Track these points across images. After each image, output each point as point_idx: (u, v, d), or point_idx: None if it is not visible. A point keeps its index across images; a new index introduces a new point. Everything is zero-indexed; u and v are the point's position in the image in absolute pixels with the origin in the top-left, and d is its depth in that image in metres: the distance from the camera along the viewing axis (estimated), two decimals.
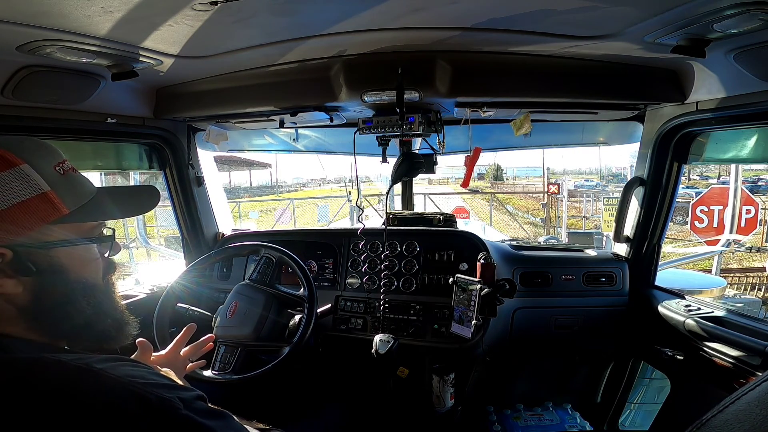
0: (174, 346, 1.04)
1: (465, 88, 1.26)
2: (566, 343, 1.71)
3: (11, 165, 0.55)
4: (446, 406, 1.59)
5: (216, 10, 0.81)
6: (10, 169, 0.55)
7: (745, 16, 0.77)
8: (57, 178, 0.59)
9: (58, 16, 0.79)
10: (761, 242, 7.73)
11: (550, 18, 0.93)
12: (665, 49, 0.97)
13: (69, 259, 0.60)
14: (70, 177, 0.62)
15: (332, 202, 12.46)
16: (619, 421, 1.90)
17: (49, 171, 0.59)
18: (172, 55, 1.08)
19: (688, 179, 18.63)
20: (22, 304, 0.56)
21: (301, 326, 1.30)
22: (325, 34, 1.03)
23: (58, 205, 0.57)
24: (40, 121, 1.24)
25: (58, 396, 0.48)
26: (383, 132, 1.45)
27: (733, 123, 1.22)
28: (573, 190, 16.32)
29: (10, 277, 0.54)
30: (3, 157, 0.55)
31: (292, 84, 1.31)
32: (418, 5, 0.88)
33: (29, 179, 0.56)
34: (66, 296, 0.59)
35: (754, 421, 0.37)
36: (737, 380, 1.18)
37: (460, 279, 1.38)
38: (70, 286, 0.60)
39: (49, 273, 0.57)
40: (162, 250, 3.79)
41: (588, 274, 1.63)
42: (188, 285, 1.47)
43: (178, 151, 1.71)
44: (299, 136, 2.01)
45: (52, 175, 0.59)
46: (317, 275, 1.73)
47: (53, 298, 0.58)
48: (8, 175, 0.54)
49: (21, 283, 0.55)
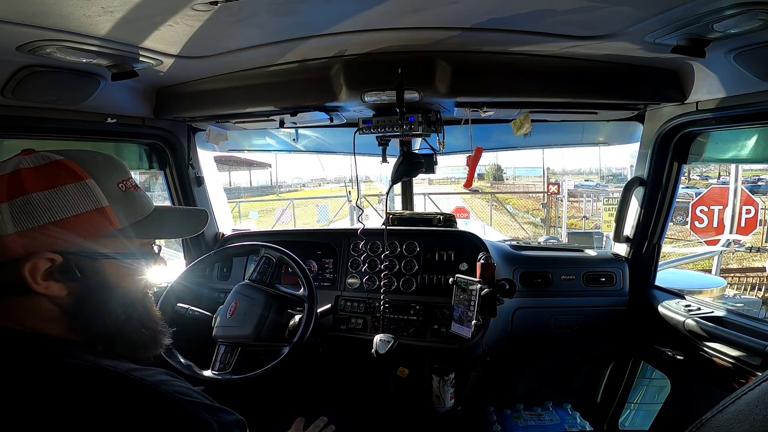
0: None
1: (465, 88, 1.26)
2: (566, 343, 1.71)
3: (78, 179, 0.59)
4: (446, 406, 1.59)
5: (216, 10, 0.81)
6: (76, 183, 0.59)
7: (745, 16, 0.77)
8: (118, 194, 0.63)
9: (58, 16, 0.79)
10: (761, 242, 7.73)
11: (550, 18, 0.93)
12: (665, 49, 0.97)
13: (113, 270, 0.63)
14: (130, 194, 0.65)
15: (332, 202, 12.46)
16: (619, 421, 1.90)
17: (112, 187, 0.62)
18: (172, 55, 1.08)
19: (688, 179, 18.64)
20: (66, 307, 0.59)
21: (301, 326, 1.30)
22: (325, 34, 1.03)
23: (112, 220, 0.61)
24: (40, 121, 1.24)
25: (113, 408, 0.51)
26: (383, 132, 1.45)
27: (733, 123, 1.22)
28: (573, 190, 16.33)
29: (57, 281, 0.58)
30: (72, 170, 0.59)
31: (292, 84, 1.31)
32: (418, 5, 0.88)
33: (91, 194, 0.59)
34: (104, 305, 0.62)
35: (753, 421, 0.37)
36: (737, 380, 1.18)
37: (460, 279, 1.38)
38: (109, 296, 0.63)
39: (93, 281, 0.61)
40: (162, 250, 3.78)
41: (588, 274, 1.63)
42: (188, 285, 1.47)
43: (178, 151, 1.70)
44: (299, 136, 2.01)
45: (114, 191, 0.62)
46: (317, 275, 1.73)
47: (92, 305, 0.61)
48: (73, 187, 0.58)
49: (66, 288, 0.59)
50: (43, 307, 0.58)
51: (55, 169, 0.58)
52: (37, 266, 0.56)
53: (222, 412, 0.58)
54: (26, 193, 0.55)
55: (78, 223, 0.58)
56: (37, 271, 0.56)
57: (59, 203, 0.56)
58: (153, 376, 0.56)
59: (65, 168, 0.59)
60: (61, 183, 0.57)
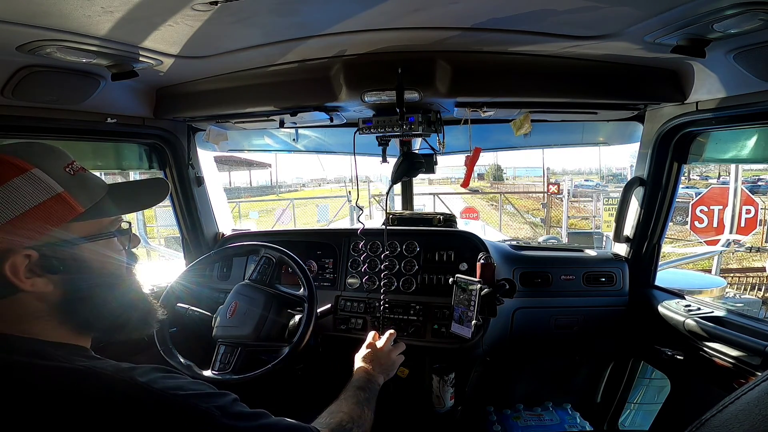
0: None
1: (465, 88, 1.26)
2: (566, 343, 1.71)
3: (22, 170, 0.57)
4: (446, 406, 1.59)
5: (216, 10, 0.81)
6: (22, 175, 0.57)
7: (745, 16, 0.77)
8: (68, 178, 0.61)
9: (58, 16, 0.79)
10: (761, 242, 7.73)
11: (550, 18, 0.93)
12: (665, 49, 0.97)
13: (92, 255, 0.62)
14: (80, 176, 0.64)
15: (332, 202, 12.47)
16: (619, 421, 1.90)
17: (60, 173, 0.61)
18: (172, 55, 1.08)
19: (688, 179, 18.65)
20: (53, 301, 0.59)
21: (301, 326, 1.30)
22: (325, 34, 1.03)
23: (73, 205, 0.60)
24: (40, 121, 1.24)
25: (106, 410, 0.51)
26: (383, 132, 1.45)
27: (733, 123, 1.22)
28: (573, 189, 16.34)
29: (40, 276, 0.57)
30: (13, 164, 0.57)
31: (292, 84, 1.31)
32: (418, 5, 0.88)
33: (42, 183, 0.58)
34: (92, 290, 0.62)
35: (753, 421, 0.37)
36: (737, 380, 1.18)
37: (460, 279, 1.38)
38: (95, 280, 0.62)
39: (75, 269, 0.60)
40: (162, 250, 3.80)
41: (588, 274, 1.63)
42: (188, 285, 1.46)
43: (178, 151, 1.70)
44: (299, 136, 2.01)
45: (63, 176, 0.61)
46: (317, 275, 1.73)
47: (80, 293, 0.61)
48: (20, 180, 0.56)
49: (50, 282, 0.58)
50: (31, 307, 0.58)
51: None
52: (16, 264, 0.55)
53: (218, 396, 0.58)
54: None
55: (39, 214, 0.56)
56: (17, 269, 0.55)
57: (13, 198, 0.55)
58: (143, 376, 0.55)
59: (5, 163, 0.57)
60: (7, 178, 0.55)
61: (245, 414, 0.59)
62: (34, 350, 0.56)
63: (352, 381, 1.07)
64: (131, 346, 1.34)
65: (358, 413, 0.90)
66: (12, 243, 0.55)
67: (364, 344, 1.24)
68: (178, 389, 0.55)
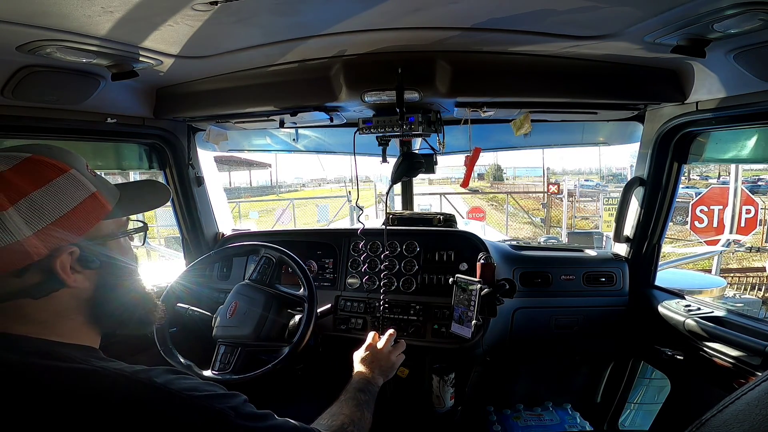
0: None
1: (465, 88, 1.26)
2: (566, 343, 1.71)
3: (62, 171, 0.59)
4: (446, 406, 1.59)
5: (216, 10, 0.81)
6: (62, 175, 0.59)
7: (745, 16, 0.77)
8: (94, 179, 0.64)
9: (58, 16, 0.79)
10: (761, 242, 7.74)
11: (550, 18, 0.93)
12: (665, 49, 0.97)
13: (118, 251, 0.66)
14: (100, 178, 0.66)
15: (332, 202, 12.47)
16: (619, 421, 1.90)
17: (87, 173, 0.63)
18: (172, 55, 1.08)
19: (688, 179, 18.66)
20: (84, 298, 0.62)
21: (301, 326, 1.30)
22: (325, 34, 1.03)
23: (104, 203, 0.63)
24: (40, 121, 1.24)
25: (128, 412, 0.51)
26: (383, 132, 1.45)
27: (733, 123, 1.22)
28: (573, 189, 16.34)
29: (79, 272, 0.60)
30: (53, 165, 0.59)
31: (292, 84, 1.31)
32: (418, 5, 0.88)
33: (79, 183, 0.61)
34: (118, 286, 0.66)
35: (753, 421, 0.37)
36: (737, 380, 1.18)
37: (460, 279, 1.38)
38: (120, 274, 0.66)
39: (107, 264, 0.64)
40: (162, 250, 3.78)
41: (588, 274, 1.63)
42: (188, 285, 1.46)
43: (178, 151, 1.70)
44: (299, 136, 2.01)
45: (90, 176, 0.64)
46: (317, 275, 1.73)
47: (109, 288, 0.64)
48: (63, 180, 0.59)
49: (87, 278, 0.61)
50: (65, 304, 0.60)
51: (35, 166, 0.57)
52: (64, 260, 0.57)
53: (230, 397, 0.59)
54: (26, 195, 0.55)
55: (81, 212, 0.59)
56: (65, 265, 0.58)
57: (60, 197, 0.57)
58: (160, 376, 0.56)
59: (44, 163, 0.58)
60: (50, 178, 0.57)
61: (256, 415, 0.61)
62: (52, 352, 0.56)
63: (352, 382, 1.08)
64: (131, 346, 1.34)
65: (358, 416, 0.92)
66: (61, 240, 0.57)
67: (364, 345, 1.24)
68: (194, 390, 0.56)
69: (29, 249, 0.54)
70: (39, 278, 0.56)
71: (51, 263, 0.56)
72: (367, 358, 1.18)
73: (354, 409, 0.94)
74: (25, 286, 0.56)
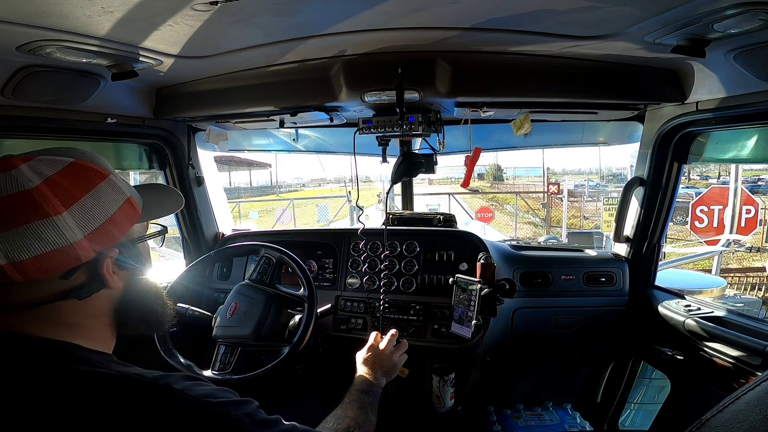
0: None
1: (465, 88, 1.26)
2: (566, 343, 1.71)
3: (104, 176, 0.61)
4: (446, 406, 1.59)
5: (216, 10, 0.81)
6: (104, 180, 0.61)
7: (745, 16, 0.77)
8: (125, 184, 0.66)
9: (58, 16, 0.79)
10: (761, 242, 7.73)
11: (550, 18, 0.93)
12: (665, 49, 0.97)
13: (145, 253, 0.70)
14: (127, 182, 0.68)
15: (332, 202, 12.47)
16: (619, 421, 1.90)
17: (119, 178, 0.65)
18: (172, 55, 1.08)
19: (688, 179, 18.65)
20: (116, 298, 0.64)
21: (301, 326, 1.30)
22: (325, 34, 1.03)
23: (136, 207, 0.66)
24: (40, 121, 1.24)
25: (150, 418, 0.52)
26: (383, 132, 1.45)
27: (733, 123, 1.22)
28: (573, 190, 16.35)
29: (116, 273, 0.62)
30: (96, 170, 0.61)
31: (292, 84, 1.31)
32: (418, 5, 0.88)
33: (118, 188, 0.63)
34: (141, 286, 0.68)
35: (753, 421, 0.37)
36: (737, 380, 1.18)
37: (460, 279, 1.38)
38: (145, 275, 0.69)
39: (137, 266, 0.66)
40: (162, 250, 3.78)
41: (588, 274, 1.63)
42: (188, 285, 1.46)
43: (178, 151, 1.70)
44: (299, 136, 2.01)
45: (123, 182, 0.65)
46: (317, 275, 1.73)
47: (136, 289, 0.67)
48: (106, 186, 0.61)
49: (120, 279, 0.63)
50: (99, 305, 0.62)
51: (80, 171, 0.59)
52: (108, 264, 0.60)
53: (245, 404, 0.60)
54: (78, 199, 0.57)
55: (121, 216, 0.61)
56: (109, 267, 0.60)
57: (104, 202, 0.60)
58: (179, 383, 0.56)
59: (87, 169, 0.60)
60: (95, 183, 0.60)
61: (268, 421, 0.61)
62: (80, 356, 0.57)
63: (355, 384, 1.08)
64: (131, 347, 1.33)
65: (363, 418, 0.92)
66: (107, 243, 0.60)
67: (366, 346, 1.23)
68: (210, 397, 0.57)
69: (80, 252, 0.56)
70: (83, 279, 0.59)
71: (98, 265, 0.59)
72: (369, 358, 1.18)
73: (358, 411, 0.94)
74: (72, 287, 0.58)
